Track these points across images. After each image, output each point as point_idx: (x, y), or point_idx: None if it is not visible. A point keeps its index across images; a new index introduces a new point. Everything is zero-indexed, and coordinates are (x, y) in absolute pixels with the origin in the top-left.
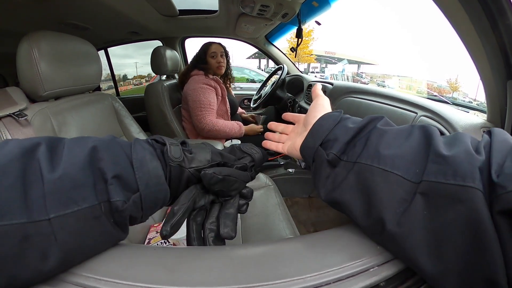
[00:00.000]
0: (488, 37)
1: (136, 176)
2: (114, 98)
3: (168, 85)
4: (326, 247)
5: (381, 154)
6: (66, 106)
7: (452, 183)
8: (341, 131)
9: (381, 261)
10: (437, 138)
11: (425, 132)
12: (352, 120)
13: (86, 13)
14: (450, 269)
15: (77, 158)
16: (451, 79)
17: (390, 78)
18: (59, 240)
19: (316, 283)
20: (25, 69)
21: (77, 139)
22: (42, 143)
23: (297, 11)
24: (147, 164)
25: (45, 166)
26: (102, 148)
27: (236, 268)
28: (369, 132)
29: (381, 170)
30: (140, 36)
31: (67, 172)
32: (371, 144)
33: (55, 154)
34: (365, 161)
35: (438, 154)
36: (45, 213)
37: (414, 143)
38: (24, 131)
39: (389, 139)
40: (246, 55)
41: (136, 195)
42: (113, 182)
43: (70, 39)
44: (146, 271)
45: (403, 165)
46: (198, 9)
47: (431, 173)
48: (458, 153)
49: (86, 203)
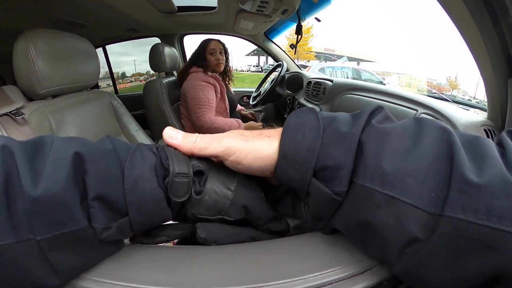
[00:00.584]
0: (489, 35)
1: (126, 200)
2: (113, 96)
3: (166, 82)
4: (329, 247)
5: (384, 171)
6: (64, 104)
7: (485, 224)
8: (338, 146)
9: None
10: (460, 151)
11: (443, 137)
12: (340, 119)
13: (83, 11)
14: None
15: (61, 170)
16: (450, 77)
17: (390, 75)
18: (52, 261)
19: (318, 283)
20: (22, 67)
21: (64, 141)
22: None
23: (297, 8)
24: (143, 185)
25: (24, 178)
26: (89, 158)
27: (237, 268)
28: (363, 134)
29: (387, 196)
30: (138, 33)
31: (50, 189)
32: (369, 154)
33: (37, 160)
34: (362, 180)
35: (466, 180)
36: (32, 233)
37: (428, 153)
38: (22, 130)
39: (393, 145)
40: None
41: (123, 220)
42: (94, 205)
43: (68, 36)
44: (144, 272)
45: (415, 187)
46: (197, 6)
47: (457, 207)
48: (492, 180)
49: (75, 225)
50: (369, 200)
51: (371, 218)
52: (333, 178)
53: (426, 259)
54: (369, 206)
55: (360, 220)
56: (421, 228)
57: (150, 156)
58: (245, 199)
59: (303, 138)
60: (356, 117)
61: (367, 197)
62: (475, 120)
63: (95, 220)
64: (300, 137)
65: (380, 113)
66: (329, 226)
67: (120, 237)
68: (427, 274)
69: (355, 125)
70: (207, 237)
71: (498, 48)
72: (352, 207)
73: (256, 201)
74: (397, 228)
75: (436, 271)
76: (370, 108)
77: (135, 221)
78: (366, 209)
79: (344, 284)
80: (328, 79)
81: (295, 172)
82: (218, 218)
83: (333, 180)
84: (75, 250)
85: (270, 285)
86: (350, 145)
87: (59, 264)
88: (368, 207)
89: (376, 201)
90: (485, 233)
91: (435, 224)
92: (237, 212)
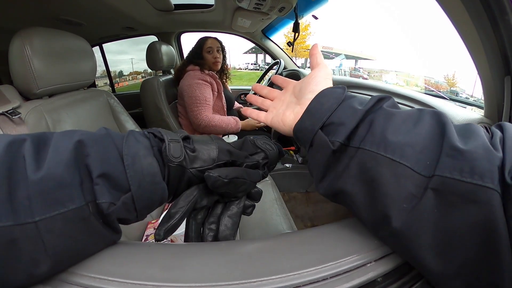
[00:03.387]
0: (487, 32)
1: (127, 175)
2: (109, 95)
3: (164, 80)
4: (323, 242)
5: (388, 141)
6: (61, 103)
7: (469, 181)
8: (347, 113)
9: (378, 256)
10: (451, 128)
11: (438, 119)
12: (358, 99)
13: (80, 9)
14: (457, 271)
15: (62, 155)
16: (448, 75)
17: (388, 73)
18: (47, 244)
19: (313, 278)
20: (17, 66)
21: (64, 133)
22: (27, 139)
23: (294, 5)
24: (140, 161)
25: (30, 165)
26: (89, 143)
27: (232, 264)
28: (374, 113)
29: (388, 159)
30: (135, 31)
31: (51, 171)
32: (377, 128)
33: (42, 151)
34: (369, 147)
35: (453, 147)
36: (31, 216)
37: (425, 131)
38: (18, 130)
39: (397, 124)
40: (243, 50)
41: (127, 195)
42: (99, 182)
43: (64, 35)
44: (140, 268)
45: (412, 155)
46: (194, 4)
47: (445, 168)
48: (475, 148)
49: (73, 204)
50: (375, 161)
51: (375, 175)
52: (334, 131)
53: (421, 213)
54: (374, 166)
55: (366, 177)
56: (416, 187)
57: (143, 138)
58: (225, 144)
59: (327, 101)
60: (367, 100)
61: (372, 159)
62: (472, 117)
63: (102, 196)
64: (325, 100)
65: (389, 100)
66: (334, 183)
67: (124, 214)
68: (422, 230)
69: (364, 106)
70: (219, 173)
71: (495, 46)
72: (359, 168)
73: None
74: (396, 184)
75: (429, 226)
76: (379, 95)
77: (137, 195)
78: (371, 168)
79: (338, 280)
80: None
81: (309, 123)
82: (214, 165)
83: (334, 133)
84: (71, 234)
85: (265, 280)
86: (356, 113)
87: (54, 247)
88: (373, 166)
89: (379, 161)
90: (469, 188)
91: (427, 183)
92: (224, 155)
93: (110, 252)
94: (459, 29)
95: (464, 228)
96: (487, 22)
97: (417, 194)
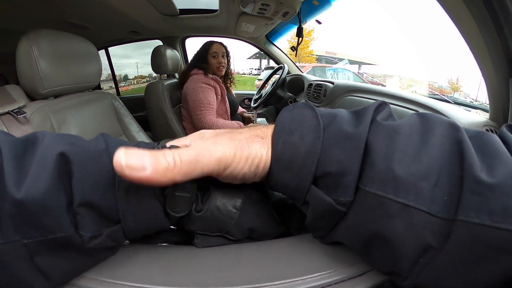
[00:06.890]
0: (490, 34)
1: (118, 208)
2: (114, 97)
3: (168, 84)
4: (328, 247)
5: (397, 175)
6: (66, 104)
7: (503, 227)
8: (342, 148)
9: None
10: (469, 148)
11: (452, 134)
12: (340, 117)
13: (86, 13)
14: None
15: (43, 172)
16: (452, 79)
17: (391, 78)
18: (39, 265)
19: (317, 284)
20: (24, 67)
21: (53, 139)
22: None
23: (298, 10)
24: (138, 192)
25: (8, 180)
26: (76, 158)
27: (232, 268)
28: (368, 133)
29: (401, 205)
30: (140, 35)
31: (31, 193)
32: (378, 156)
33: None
34: (371, 187)
35: (478, 179)
36: (18, 235)
37: (437, 150)
38: (23, 129)
39: (403, 145)
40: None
41: (116, 227)
42: (80, 212)
43: (70, 37)
44: (138, 271)
45: (428, 192)
46: (199, 9)
47: (470, 209)
48: (505, 179)
49: (61, 231)
50: (381, 210)
51: (382, 230)
52: (336, 186)
53: (441, 267)
54: (380, 216)
55: (368, 232)
56: (435, 236)
57: None
58: (251, 220)
59: (301, 138)
60: (360, 114)
61: (378, 207)
62: (477, 121)
63: (82, 228)
64: (297, 137)
65: (384, 109)
66: (329, 238)
67: (111, 244)
68: (442, 284)
69: (360, 124)
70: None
71: (499, 48)
72: (358, 218)
73: (264, 221)
74: (411, 238)
75: (451, 280)
76: (374, 104)
77: (128, 229)
78: (376, 220)
79: (343, 286)
80: (329, 81)
81: (290, 179)
82: (218, 235)
83: (337, 188)
84: (64, 255)
85: (266, 285)
86: (356, 147)
87: (47, 267)
88: (378, 217)
89: (388, 210)
90: (502, 236)
91: (449, 230)
92: (240, 232)
93: None
94: (463, 32)
95: (496, 283)
96: (491, 24)
97: (437, 245)
